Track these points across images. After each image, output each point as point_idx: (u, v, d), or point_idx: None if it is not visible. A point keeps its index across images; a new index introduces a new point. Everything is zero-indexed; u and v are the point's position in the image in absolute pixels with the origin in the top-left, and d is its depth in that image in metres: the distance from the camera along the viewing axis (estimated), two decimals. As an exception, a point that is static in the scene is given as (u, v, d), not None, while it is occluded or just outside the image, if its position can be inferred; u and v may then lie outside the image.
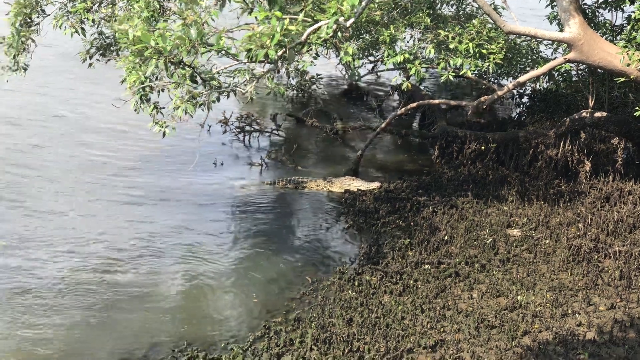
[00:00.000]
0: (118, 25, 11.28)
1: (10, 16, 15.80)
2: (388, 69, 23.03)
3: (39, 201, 16.97)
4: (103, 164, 19.41)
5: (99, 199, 17.34)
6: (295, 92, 25.96)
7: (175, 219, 16.60)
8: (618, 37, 18.90)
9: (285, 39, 10.36)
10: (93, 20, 16.12)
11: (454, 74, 16.77)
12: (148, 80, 11.44)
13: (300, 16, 11.15)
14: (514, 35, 18.70)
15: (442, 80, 16.85)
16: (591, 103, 19.27)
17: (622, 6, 19.37)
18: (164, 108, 12.27)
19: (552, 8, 20.63)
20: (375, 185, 18.75)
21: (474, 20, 17.38)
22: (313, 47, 12.21)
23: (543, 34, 16.22)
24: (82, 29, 16.06)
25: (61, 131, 21.70)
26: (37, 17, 16.37)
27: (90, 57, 20.31)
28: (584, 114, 19.07)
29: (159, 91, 11.89)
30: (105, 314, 12.77)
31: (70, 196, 17.38)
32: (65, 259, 14.47)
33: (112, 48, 20.20)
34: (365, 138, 21.73)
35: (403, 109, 21.11)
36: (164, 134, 12.35)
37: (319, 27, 11.14)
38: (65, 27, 15.96)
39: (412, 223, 16.39)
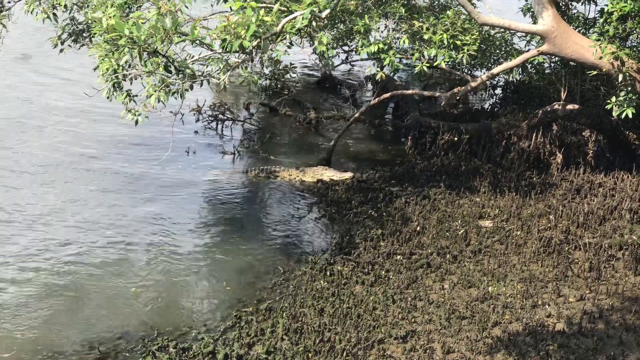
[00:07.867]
0: (92, 13, 11.16)
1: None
2: (362, 59, 23.00)
3: (6, 188, 16.79)
4: (74, 152, 19.22)
5: (70, 186, 17.19)
6: (268, 81, 25.87)
7: (147, 207, 16.52)
8: (591, 30, 19.00)
9: (260, 30, 10.32)
10: (65, 6, 15.96)
11: (428, 64, 16.78)
12: (121, 68, 11.35)
13: (276, 7, 11.11)
14: (488, 27, 18.73)
15: (416, 71, 16.86)
16: (563, 95, 19.38)
17: (595, -1, 19.52)
18: (136, 96, 12.20)
19: (526, 0, 20.69)
20: (347, 175, 18.73)
21: (448, 11, 17.42)
22: (287, 36, 12.16)
23: (517, 25, 16.30)
24: (54, 14, 15.89)
25: (31, 118, 21.44)
26: (9, 2, 16.18)
27: (62, 43, 20.10)
28: (556, 106, 19.20)
29: (131, 79, 11.80)
30: (75, 304, 12.69)
31: (40, 184, 17.20)
32: (35, 247, 14.32)
33: (84, 34, 20.00)
34: (339, 128, 21.73)
35: (377, 99, 21.10)
36: (136, 122, 12.28)
37: (294, 18, 11.11)
38: (37, 13, 15.78)
39: (384, 213, 16.41)
